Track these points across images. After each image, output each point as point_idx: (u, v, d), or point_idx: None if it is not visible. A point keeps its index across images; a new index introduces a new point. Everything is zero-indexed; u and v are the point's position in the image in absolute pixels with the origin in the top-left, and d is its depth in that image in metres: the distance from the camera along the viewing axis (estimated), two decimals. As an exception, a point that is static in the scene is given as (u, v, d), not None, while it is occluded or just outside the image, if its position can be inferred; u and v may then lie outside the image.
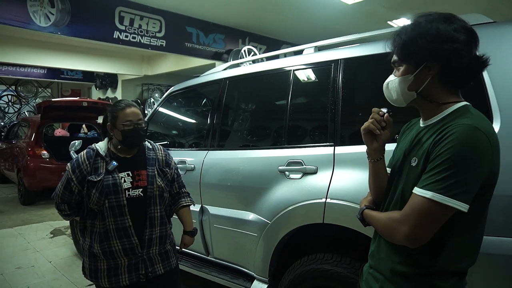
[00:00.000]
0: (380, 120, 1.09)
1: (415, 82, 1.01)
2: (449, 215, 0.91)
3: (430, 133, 0.99)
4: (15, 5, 4.20)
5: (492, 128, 0.95)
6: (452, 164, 0.88)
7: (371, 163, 1.16)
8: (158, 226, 1.65)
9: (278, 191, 1.98)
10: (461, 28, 0.97)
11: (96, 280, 1.60)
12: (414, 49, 0.99)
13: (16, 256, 3.75)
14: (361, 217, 1.15)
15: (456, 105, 0.99)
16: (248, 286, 2.14)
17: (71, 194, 1.58)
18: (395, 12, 5.43)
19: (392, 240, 1.02)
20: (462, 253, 0.98)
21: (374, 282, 1.10)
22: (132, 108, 1.62)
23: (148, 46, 5.48)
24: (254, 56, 2.75)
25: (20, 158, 6.16)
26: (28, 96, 11.45)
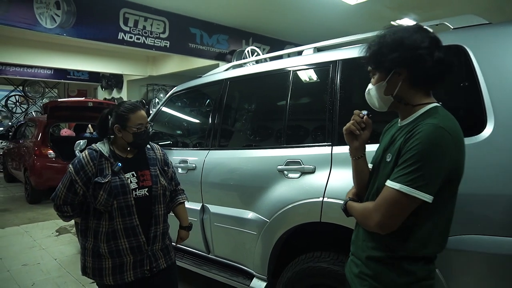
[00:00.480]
0: (360, 122, 1.21)
1: (389, 87, 1.13)
2: (415, 205, 1.02)
3: (403, 132, 1.10)
4: (22, 8, 4.28)
5: (456, 127, 1.06)
6: (418, 159, 1.00)
7: (354, 160, 1.28)
8: (161, 223, 1.70)
9: (277, 190, 2.01)
10: (423, 36, 1.08)
11: (100, 278, 1.60)
12: (382, 58, 1.11)
13: (23, 254, 3.83)
14: (344, 208, 1.27)
15: (427, 106, 1.11)
16: (247, 284, 2.17)
17: (75, 195, 1.57)
18: (398, 13, 5.42)
19: (367, 227, 1.15)
20: (428, 240, 1.08)
21: (354, 267, 1.23)
22: (142, 111, 1.67)
23: (152, 47, 5.53)
24: (256, 57, 2.78)
25: (27, 157, 6.26)
26: (35, 96, 11.60)
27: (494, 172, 1.34)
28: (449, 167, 1.02)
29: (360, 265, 1.19)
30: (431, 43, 1.07)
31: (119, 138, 1.66)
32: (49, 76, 10.46)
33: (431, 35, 1.09)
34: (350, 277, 1.26)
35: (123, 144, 1.67)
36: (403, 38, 1.08)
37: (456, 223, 1.37)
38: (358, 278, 1.20)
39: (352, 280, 1.24)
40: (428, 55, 1.05)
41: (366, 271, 1.16)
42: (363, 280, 1.17)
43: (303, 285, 1.86)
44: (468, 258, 1.36)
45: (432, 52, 1.06)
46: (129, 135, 1.63)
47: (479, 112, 1.42)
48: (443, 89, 1.61)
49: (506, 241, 1.28)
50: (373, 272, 1.14)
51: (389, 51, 1.09)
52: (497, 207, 1.32)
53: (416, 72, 1.09)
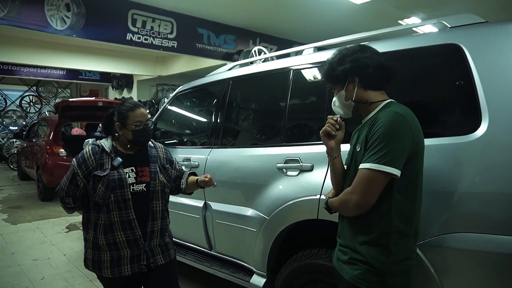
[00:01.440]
0: (334, 124, 1.39)
1: (348, 94, 1.36)
2: (386, 179, 1.18)
3: (367, 125, 1.28)
4: (33, 10, 4.40)
5: (408, 111, 1.24)
6: (382, 139, 1.18)
7: (330, 160, 1.43)
8: (159, 219, 1.73)
9: (276, 187, 2.04)
10: (363, 49, 1.34)
11: (99, 271, 1.66)
12: (334, 72, 1.36)
13: (34, 249, 3.94)
14: (326, 206, 1.41)
15: (383, 102, 1.32)
16: (247, 280, 2.21)
17: (76, 188, 1.65)
18: (405, 12, 5.38)
19: (347, 211, 1.30)
20: (404, 216, 1.23)
21: (342, 255, 1.35)
22: (141, 109, 1.72)
23: (160, 47, 5.61)
24: (258, 57, 2.81)
25: (39, 156, 6.41)
26: (48, 96, 11.86)
27: (488, 170, 1.35)
28: (410, 144, 1.19)
29: (349, 252, 1.30)
30: (370, 53, 1.33)
31: (121, 136, 1.72)
32: (62, 77, 10.69)
33: (370, 48, 1.36)
34: (339, 265, 1.36)
35: (124, 141, 1.73)
36: (346, 54, 1.35)
37: (449, 221, 1.40)
38: (348, 264, 1.30)
39: (341, 267, 1.33)
40: (370, 61, 1.30)
41: (356, 256, 1.27)
42: (354, 265, 1.28)
43: (301, 282, 1.88)
44: (460, 256, 1.37)
45: (371, 58, 1.31)
46: (129, 132, 1.69)
47: (474, 110, 1.42)
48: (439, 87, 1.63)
49: (499, 239, 1.28)
50: (363, 256, 1.25)
51: (337, 65, 1.35)
52: (492, 205, 1.32)
53: (364, 76, 1.32)
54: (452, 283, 1.40)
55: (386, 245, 1.22)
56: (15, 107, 11.45)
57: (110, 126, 1.75)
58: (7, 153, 10.27)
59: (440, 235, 1.40)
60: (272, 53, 2.90)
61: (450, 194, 1.40)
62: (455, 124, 1.55)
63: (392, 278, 1.23)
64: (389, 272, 1.22)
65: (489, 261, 1.33)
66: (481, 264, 1.35)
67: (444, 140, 1.46)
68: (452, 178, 1.41)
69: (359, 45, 1.38)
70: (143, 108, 1.74)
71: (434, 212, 1.42)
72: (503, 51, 1.43)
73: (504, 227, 1.28)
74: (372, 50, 1.35)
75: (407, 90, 1.68)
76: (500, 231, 1.29)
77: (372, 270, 1.23)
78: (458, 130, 1.46)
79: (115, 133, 1.75)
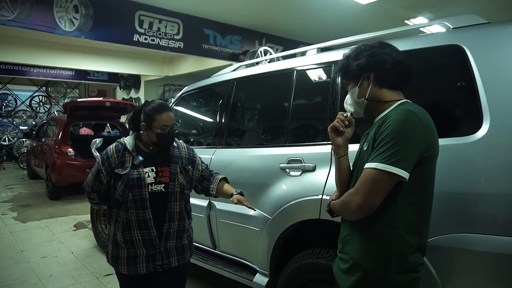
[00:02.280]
0: (343, 120, 1.31)
1: (361, 91, 1.28)
2: (392, 181, 1.09)
3: (377, 123, 1.21)
4: (43, 12, 4.48)
5: (423, 111, 1.16)
6: (391, 138, 1.09)
7: (337, 159, 1.34)
8: (176, 221, 1.71)
9: (279, 187, 2.05)
10: (382, 45, 1.27)
11: (116, 266, 1.70)
12: (349, 68, 1.29)
13: (42, 247, 4.02)
14: (328, 209, 1.33)
15: (398, 102, 1.23)
16: (251, 279, 2.23)
17: (100, 184, 1.68)
18: (411, 11, 5.35)
19: (349, 214, 1.21)
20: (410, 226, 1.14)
21: (342, 263, 1.27)
22: (169, 113, 1.69)
23: (166, 48, 5.66)
24: (263, 57, 2.83)
25: (48, 155, 6.50)
26: (57, 96, 12.01)
27: (489, 171, 1.35)
28: (421, 145, 1.10)
29: (348, 260, 1.23)
30: (390, 50, 1.25)
31: (145, 136, 1.72)
32: (71, 77, 10.82)
33: (390, 45, 1.28)
34: (338, 274, 1.29)
35: (148, 142, 1.72)
36: (364, 49, 1.28)
37: (451, 221, 1.40)
38: (344, 273, 1.24)
39: (339, 277, 1.27)
40: (388, 58, 1.22)
41: (353, 265, 1.20)
42: (351, 275, 1.20)
43: (303, 281, 1.90)
44: (460, 256, 1.38)
45: (390, 55, 1.23)
46: (153, 135, 1.67)
47: (475, 111, 1.42)
48: (441, 88, 1.63)
49: (500, 240, 1.29)
50: (362, 266, 1.17)
51: (353, 60, 1.28)
52: (493, 205, 1.32)
53: (381, 73, 1.24)
54: (453, 283, 1.40)
55: (387, 256, 1.13)
56: (25, 107, 11.63)
57: (138, 123, 1.74)
58: (17, 152, 10.44)
59: (441, 236, 1.40)
60: (277, 53, 2.91)
61: (451, 195, 1.41)
62: (457, 125, 1.55)
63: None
64: (388, 285, 1.13)
65: (490, 262, 1.33)
66: (481, 265, 1.35)
67: (446, 141, 1.46)
68: (454, 178, 1.41)
69: (378, 41, 1.30)
70: (170, 112, 1.71)
71: (435, 212, 1.41)
72: (505, 52, 1.43)
73: (505, 227, 1.29)
74: (392, 47, 1.26)
75: (409, 91, 1.68)
76: (501, 232, 1.29)
77: (370, 282, 1.15)
78: (459, 131, 1.47)
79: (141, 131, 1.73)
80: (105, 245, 3.74)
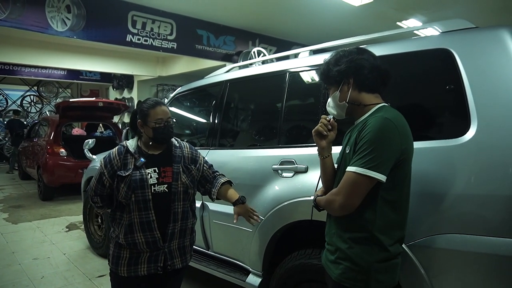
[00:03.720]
0: (326, 124, 1.41)
1: (342, 95, 1.37)
2: (371, 184, 1.20)
3: (358, 127, 1.30)
4: (34, 12, 4.44)
5: (400, 118, 1.25)
6: (369, 145, 1.19)
7: (321, 160, 1.44)
8: (179, 220, 1.71)
9: (272, 188, 2.07)
10: (360, 51, 1.36)
11: (116, 267, 1.68)
12: (330, 73, 1.38)
13: (34, 248, 3.98)
14: (315, 204, 1.44)
15: (377, 106, 1.32)
16: (244, 280, 2.24)
17: (103, 187, 1.69)
18: (404, 13, 5.41)
19: (332, 211, 1.34)
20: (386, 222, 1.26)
21: (329, 254, 1.38)
22: (162, 107, 1.71)
23: (159, 49, 5.65)
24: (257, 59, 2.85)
25: (40, 155, 6.45)
26: (49, 96, 11.92)
27: (477, 173, 1.38)
28: (397, 150, 1.21)
29: (335, 251, 1.34)
30: (367, 55, 1.34)
31: (143, 134, 1.73)
32: (63, 77, 10.74)
33: (367, 51, 1.37)
34: (326, 264, 1.39)
35: (147, 139, 1.73)
36: (343, 55, 1.36)
37: (438, 222, 1.43)
38: (333, 263, 1.34)
39: (328, 267, 1.37)
40: (366, 63, 1.32)
41: (341, 255, 1.31)
42: (338, 264, 1.31)
43: (295, 281, 1.92)
44: (449, 257, 1.40)
45: (368, 60, 1.32)
46: (149, 130, 1.69)
47: (463, 114, 1.45)
48: (429, 91, 1.66)
49: (487, 240, 1.31)
50: (347, 255, 1.28)
51: (333, 66, 1.36)
52: (480, 207, 1.35)
53: (359, 78, 1.33)
54: (442, 283, 1.43)
55: (370, 244, 1.25)
56: (16, 107, 11.50)
57: (136, 125, 1.76)
58: (8, 152, 10.32)
59: (429, 236, 1.42)
60: (270, 55, 2.93)
61: (439, 196, 1.43)
62: (445, 127, 1.58)
63: (376, 276, 1.25)
64: (373, 270, 1.25)
65: (478, 262, 1.35)
66: (469, 265, 1.37)
67: (434, 143, 1.49)
68: (442, 180, 1.44)
69: (356, 48, 1.40)
70: (164, 106, 1.73)
71: (423, 213, 1.45)
72: (492, 56, 1.46)
73: (492, 228, 1.31)
74: (369, 53, 1.36)
75: (398, 94, 1.71)
76: (488, 233, 1.31)
77: (356, 269, 1.26)
78: (447, 134, 1.49)
79: (140, 132, 1.75)
80: (98, 246, 3.73)
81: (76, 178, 6.20)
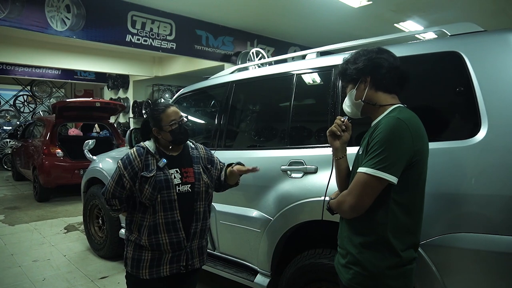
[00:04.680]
0: (341, 124, 1.40)
1: (358, 93, 1.36)
2: (381, 185, 1.18)
3: (372, 128, 1.30)
4: (34, 11, 4.38)
5: (413, 118, 1.24)
6: (380, 145, 1.18)
7: (335, 161, 1.44)
8: (201, 220, 1.73)
9: (281, 189, 2.08)
10: (379, 50, 1.35)
11: (137, 271, 1.65)
12: (348, 71, 1.37)
13: (33, 250, 3.94)
14: (328, 207, 1.43)
15: (392, 106, 1.31)
16: (251, 280, 2.25)
17: (123, 189, 1.67)
18: (402, 15, 5.47)
19: (343, 212, 1.31)
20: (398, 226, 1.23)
21: (341, 258, 1.37)
22: (172, 108, 1.73)
23: (159, 49, 5.62)
24: (261, 60, 2.86)
25: (36, 156, 6.38)
26: (42, 96, 11.76)
27: (488, 173, 1.41)
28: (408, 152, 1.18)
29: (346, 255, 1.33)
30: (386, 55, 1.33)
31: (161, 139, 1.73)
32: (57, 76, 10.60)
33: (388, 51, 1.36)
34: (338, 268, 1.39)
35: (166, 143, 1.74)
36: (362, 54, 1.36)
37: (451, 222, 1.46)
38: (344, 267, 1.33)
39: (339, 271, 1.37)
40: (384, 63, 1.31)
41: (351, 259, 1.29)
42: (349, 269, 1.30)
43: (305, 281, 1.93)
44: (461, 255, 1.43)
45: (387, 60, 1.31)
46: (167, 134, 1.70)
47: (473, 116, 1.48)
48: (440, 93, 1.69)
49: (499, 239, 1.34)
50: (358, 259, 1.26)
51: (352, 64, 1.36)
52: (491, 206, 1.38)
53: (377, 77, 1.32)
54: (454, 281, 1.46)
55: (381, 249, 1.23)
56: (9, 107, 11.34)
57: (148, 132, 1.77)
58: (0, 153, 10.17)
59: (442, 235, 1.45)
60: (277, 56, 2.94)
61: (451, 196, 1.46)
62: (456, 128, 1.61)
63: (387, 282, 1.22)
64: (384, 276, 1.22)
65: (489, 260, 1.38)
66: (481, 263, 1.40)
67: (446, 144, 1.52)
68: (454, 180, 1.47)
69: (377, 47, 1.38)
70: (173, 106, 1.74)
71: (436, 213, 1.47)
72: (501, 59, 1.49)
73: (503, 227, 1.34)
74: (389, 53, 1.34)
75: (409, 96, 1.73)
76: (500, 231, 1.34)
77: (366, 274, 1.24)
78: (458, 135, 1.52)
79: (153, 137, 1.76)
80: (99, 247, 3.70)
81: (73, 179, 6.15)
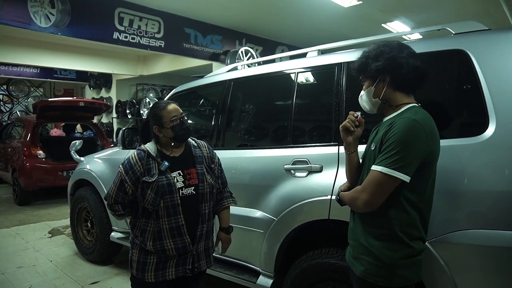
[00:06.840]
0: (354, 120, 1.43)
1: (376, 92, 1.38)
2: (395, 184, 1.22)
3: (385, 125, 1.31)
4: (16, 6, 4.18)
5: (428, 120, 1.26)
6: (396, 145, 1.21)
7: (347, 155, 1.47)
8: (206, 221, 1.70)
9: (284, 189, 2.05)
10: (401, 48, 1.33)
11: (142, 274, 1.62)
12: (368, 68, 1.37)
13: (16, 256, 3.76)
14: (338, 198, 1.47)
15: (407, 106, 1.33)
16: (254, 281, 2.21)
17: (125, 194, 1.62)
18: (390, 16, 5.56)
19: (356, 207, 1.35)
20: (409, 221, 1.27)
21: (353, 251, 1.40)
22: (172, 105, 1.70)
23: (147, 47, 5.49)
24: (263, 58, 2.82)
25: (15, 158, 6.12)
26: (20, 95, 11.31)
27: (496, 169, 1.43)
28: (423, 152, 1.22)
29: (358, 247, 1.37)
30: (408, 54, 1.32)
31: (162, 138, 1.68)
32: (35, 75, 10.21)
33: (408, 48, 1.35)
34: (350, 261, 1.42)
35: (167, 141, 1.69)
36: (384, 50, 1.34)
37: (461, 219, 1.47)
38: (356, 259, 1.37)
39: (352, 263, 1.39)
40: (405, 63, 1.30)
41: (363, 251, 1.33)
42: (362, 260, 1.34)
43: (310, 281, 1.91)
44: (470, 251, 1.44)
45: (408, 60, 1.31)
46: (168, 130, 1.66)
47: (481, 113, 1.50)
48: (447, 91, 1.70)
49: (508, 235, 1.35)
50: (371, 250, 1.30)
51: (373, 61, 1.35)
52: (500, 202, 1.39)
53: (397, 77, 1.33)
54: (463, 277, 1.47)
55: (392, 241, 1.27)
56: (-16, 107, 10.87)
57: (148, 132, 1.73)
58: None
59: (451, 232, 1.46)
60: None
61: (460, 193, 1.47)
62: (464, 126, 1.62)
63: (399, 272, 1.27)
64: (396, 266, 1.27)
65: (498, 256, 1.40)
66: (490, 259, 1.42)
67: (454, 142, 1.53)
68: (462, 177, 1.48)
69: (397, 43, 1.37)
70: (173, 103, 1.72)
71: (445, 210, 1.48)
72: (507, 57, 1.51)
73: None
74: (409, 51, 1.34)
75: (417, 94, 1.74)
76: (509, 227, 1.36)
77: (379, 265, 1.28)
78: (467, 132, 1.54)
79: (153, 137, 1.71)
80: (88, 252, 3.57)
81: (56, 181, 5.93)
